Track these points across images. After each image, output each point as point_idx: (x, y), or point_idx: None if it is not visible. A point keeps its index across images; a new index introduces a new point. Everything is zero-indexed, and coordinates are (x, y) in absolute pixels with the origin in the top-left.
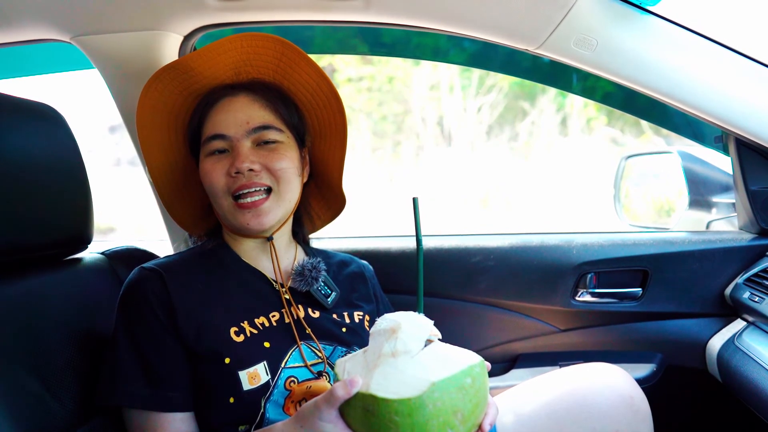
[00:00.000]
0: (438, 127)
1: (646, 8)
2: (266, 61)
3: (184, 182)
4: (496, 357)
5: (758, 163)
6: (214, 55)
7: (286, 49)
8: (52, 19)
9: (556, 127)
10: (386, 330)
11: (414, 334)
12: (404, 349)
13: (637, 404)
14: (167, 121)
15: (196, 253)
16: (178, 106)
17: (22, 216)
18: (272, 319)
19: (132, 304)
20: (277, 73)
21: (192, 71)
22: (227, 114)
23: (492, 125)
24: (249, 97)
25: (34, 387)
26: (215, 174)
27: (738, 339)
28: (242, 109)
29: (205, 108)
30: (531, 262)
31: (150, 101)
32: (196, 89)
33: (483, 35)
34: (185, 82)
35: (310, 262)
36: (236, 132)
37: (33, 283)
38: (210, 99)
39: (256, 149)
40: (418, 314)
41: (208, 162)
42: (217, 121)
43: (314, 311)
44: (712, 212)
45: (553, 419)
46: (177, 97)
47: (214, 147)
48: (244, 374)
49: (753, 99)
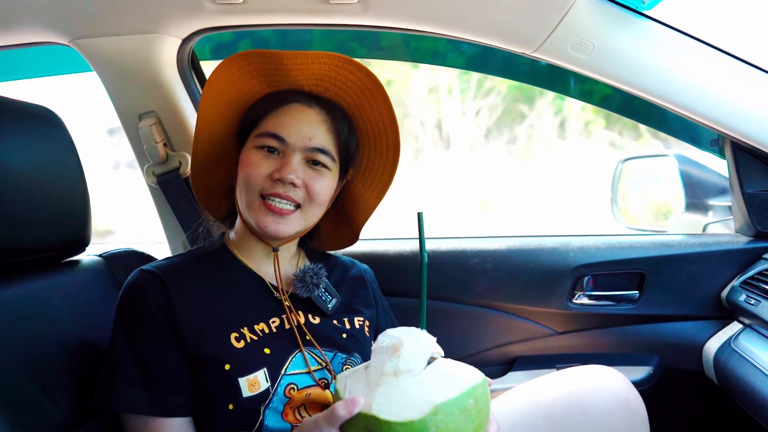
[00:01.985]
0: (437, 130)
1: (642, 12)
2: (350, 87)
3: (217, 157)
4: (494, 359)
5: (754, 167)
6: (307, 60)
7: (372, 84)
8: (50, 21)
9: (555, 130)
10: (388, 347)
11: (416, 352)
12: (407, 368)
13: (633, 407)
14: (235, 97)
15: (196, 256)
16: (249, 88)
17: (20, 218)
18: (272, 325)
19: (131, 307)
20: (354, 102)
21: (282, 66)
22: (294, 121)
23: (490, 128)
24: (321, 115)
25: (30, 389)
26: (258, 169)
27: (734, 342)
28: (310, 123)
29: (275, 103)
30: (528, 264)
31: (228, 73)
32: (276, 83)
33: (480, 38)
34: (269, 72)
35: (312, 267)
36: (295, 142)
37: (30, 285)
38: (282, 97)
39: (304, 166)
40: (420, 330)
41: (255, 154)
42: (281, 122)
43: (314, 317)
44: (709, 215)
45: (551, 422)
46: (254, 81)
47: (267, 143)
48: (243, 381)
49: (749, 102)
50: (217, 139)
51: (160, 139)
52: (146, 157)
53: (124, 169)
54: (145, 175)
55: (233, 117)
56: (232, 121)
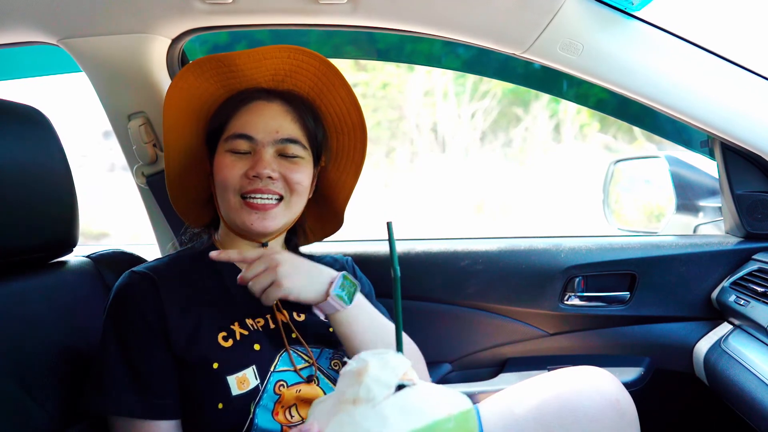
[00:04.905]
0: (432, 133)
1: (631, 13)
2: (306, 76)
3: (191, 168)
4: (485, 361)
5: (743, 168)
6: (259, 57)
7: (327, 69)
8: (38, 21)
9: (550, 133)
10: (353, 371)
11: (381, 379)
12: (367, 397)
13: (623, 408)
14: (195, 106)
15: (185, 256)
16: (209, 95)
17: (5, 218)
18: (257, 324)
19: (122, 309)
20: (313, 90)
21: (236, 67)
22: (259, 117)
23: (486, 131)
24: (283, 107)
25: (15, 392)
26: (232, 171)
27: (724, 342)
28: (274, 117)
29: (237, 105)
30: (519, 265)
31: (185, 84)
32: (233, 85)
33: (469, 39)
34: (224, 75)
35: None
36: (264, 137)
37: (16, 286)
38: (243, 97)
39: (277, 158)
40: (394, 354)
41: (227, 158)
42: (246, 122)
43: (299, 315)
44: (700, 216)
45: (540, 423)
46: (212, 87)
47: (236, 146)
48: (232, 379)
49: (737, 103)
50: (187, 152)
51: (149, 139)
52: (135, 158)
53: (119, 171)
54: (134, 176)
55: (199, 127)
56: (199, 132)
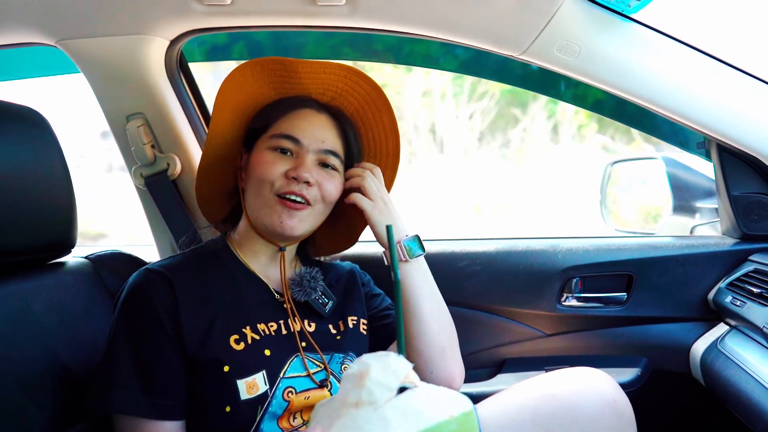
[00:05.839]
0: (430, 134)
1: (628, 15)
2: (356, 98)
3: (222, 160)
4: (483, 362)
5: (740, 169)
6: (319, 70)
7: (378, 97)
8: (37, 22)
9: (548, 134)
10: (355, 375)
11: (383, 382)
12: (369, 400)
13: (620, 408)
14: (245, 102)
15: (198, 256)
16: (259, 93)
17: (4, 219)
18: (271, 328)
19: (135, 307)
20: (359, 112)
21: (295, 74)
22: (308, 124)
23: (484, 132)
24: (331, 121)
25: (13, 393)
26: (273, 169)
27: (721, 343)
28: (322, 127)
29: (288, 108)
30: (517, 266)
31: (243, 78)
32: (285, 89)
33: (467, 41)
34: (280, 78)
35: (308, 271)
36: (309, 143)
37: (14, 287)
38: (293, 102)
39: (317, 167)
40: (396, 357)
41: (268, 155)
42: (295, 125)
43: (311, 323)
44: (696, 217)
45: (538, 423)
46: (264, 88)
47: (281, 144)
48: (242, 383)
49: (733, 105)
50: (225, 144)
51: (147, 140)
52: (134, 159)
53: (117, 172)
54: (132, 177)
55: (242, 122)
56: (241, 126)
